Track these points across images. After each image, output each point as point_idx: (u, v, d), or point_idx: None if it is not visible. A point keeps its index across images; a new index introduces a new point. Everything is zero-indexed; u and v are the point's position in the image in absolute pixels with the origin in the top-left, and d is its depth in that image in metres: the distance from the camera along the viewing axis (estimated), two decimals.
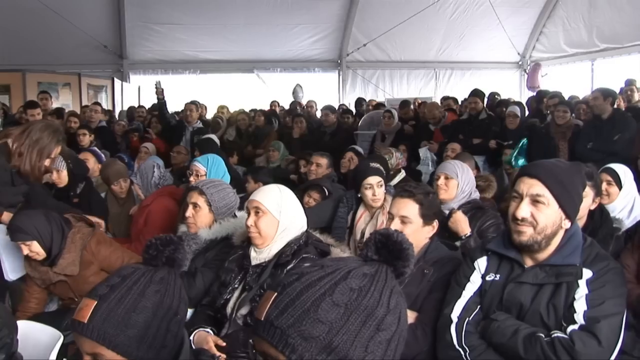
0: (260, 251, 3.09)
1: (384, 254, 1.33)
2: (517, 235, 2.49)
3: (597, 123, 7.06)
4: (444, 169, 4.15)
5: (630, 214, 4.24)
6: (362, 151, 7.51)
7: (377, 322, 1.22)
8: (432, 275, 2.93)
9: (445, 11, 15.04)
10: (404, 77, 16.15)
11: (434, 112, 9.11)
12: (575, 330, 2.35)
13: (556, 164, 2.54)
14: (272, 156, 8.53)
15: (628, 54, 13.58)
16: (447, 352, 2.61)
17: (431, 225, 3.14)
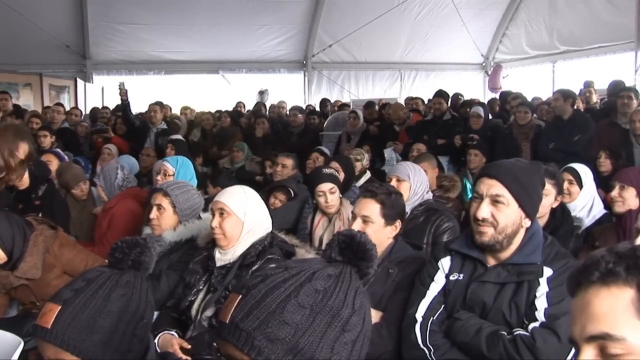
0: (225, 252, 3.09)
1: (348, 254, 1.32)
2: (478, 235, 2.53)
3: (558, 124, 7.20)
4: (395, 171, 4.16)
5: (590, 213, 4.34)
6: (327, 152, 7.53)
7: (342, 323, 1.22)
8: (396, 274, 2.95)
9: (410, 13, 15.12)
10: (369, 78, 16.20)
11: (399, 113, 9.18)
12: (536, 328, 2.39)
13: (515, 164, 2.58)
14: (236, 157, 8.50)
15: (587, 57, 13.89)
16: (412, 352, 2.63)
17: (393, 225, 3.15)
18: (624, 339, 1.12)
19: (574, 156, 5.80)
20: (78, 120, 10.09)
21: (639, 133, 6.41)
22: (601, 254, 1.20)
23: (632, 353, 1.11)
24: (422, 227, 3.92)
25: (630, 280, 1.14)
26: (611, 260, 1.18)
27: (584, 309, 1.19)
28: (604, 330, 1.14)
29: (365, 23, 14.14)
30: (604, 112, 8.11)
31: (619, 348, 1.12)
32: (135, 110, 9.72)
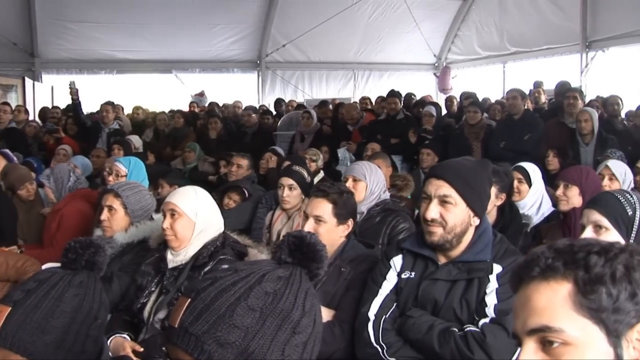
0: (177, 254, 3.07)
1: (298, 256, 1.32)
2: (428, 235, 2.57)
3: (508, 123, 7.37)
4: (351, 171, 4.14)
5: (539, 211, 4.42)
6: (281, 152, 7.54)
7: (293, 325, 1.22)
8: (348, 273, 2.96)
9: (364, 13, 15.20)
10: (323, 78, 16.22)
11: (352, 112, 9.24)
12: (486, 324, 2.43)
13: (462, 163, 2.63)
14: (187, 157, 8.43)
15: (536, 58, 14.20)
16: (365, 350, 2.65)
17: (346, 224, 3.16)
18: (562, 331, 1.16)
19: (524, 155, 5.90)
20: (24, 120, 9.86)
21: (585, 133, 6.59)
22: (541, 251, 1.25)
23: (569, 344, 1.16)
24: (378, 227, 3.92)
25: (568, 275, 1.19)
26: (550, 256, 1.22)
27: (525, 303, 1.23)
28: (544, 323, 1.18)
29: (319, 23, 14.15)
30: (552, 112, 8.31)
31: (557, 339, 1.17)
32: (87, 110, 9.55)
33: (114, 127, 9.09)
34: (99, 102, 9.71)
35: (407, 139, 8.00)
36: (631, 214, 2.35)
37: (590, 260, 1.19)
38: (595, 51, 12.64)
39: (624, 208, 2.37)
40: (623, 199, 2.41)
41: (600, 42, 12.53)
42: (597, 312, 1.16)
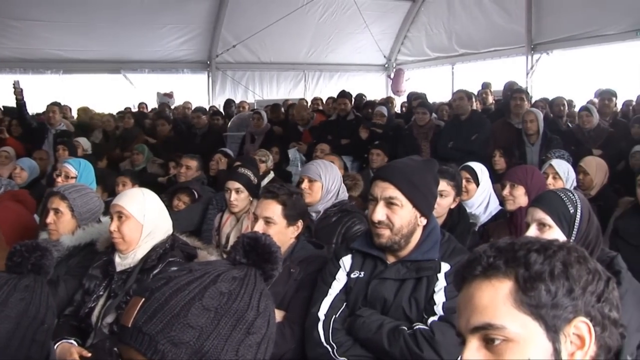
0: (125, 257, 3.03)
1: (253, 257, 1.32)
2: (376, 237, 2.60)
3: (456, 124, 7.47)
4: (307, 171, 4.11)
5: (486, 210, 4.51)
6: (231, 153, 7.50)
7: (247, 326, 1.22)
8: (298, 274, 2.97)
9: (314, 14, 15.23)
10: (274, 79, 16.19)
11: (303, 113, 9.25)
12: (435, 321, 2.47)
13: (407, 164, 2.66)
14: (136, 160, 8.28)
15: (483, 59, 14.47)
16: (316, 350, 2.66)
17: (295, 226, 3.17)
18: (504, 328, 1.20)
19: (471, 155, 5.99)
20: None
21: (530, 133, 6.73)
22: (483, 250, 1.28)
23: (511, 340, 1.19)
24: (333, 226, 3.93)
25: (509, 273, 1.22)
26: (491, 255, 1.25)
27: (468, 302, 1.26)
28: (486, 320, 1.21)
29: (270, 24, 14.12)
30: (499, 113, 8.46)
31: (499, 336, 1.20)
32: (33, 111, 9.32)
33: (60, 128, 8.90)
34: (45, 103, 9.47)
35: (358, 139, 8.04)
36: (573, 212, 2.42)
37: (530, 258, 1.22)
38: (540, 53, 13.00)
39: (566, 206, 2.43)
40: (565, 197, 2.47)
41: (545, 44, 12.88)
42: (537, 309, 1.20)
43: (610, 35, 11.54)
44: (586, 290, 1.22)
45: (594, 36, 11.79)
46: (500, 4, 13.67)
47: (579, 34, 12.03)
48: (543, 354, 1.20)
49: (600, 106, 8.07)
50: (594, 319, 1.22)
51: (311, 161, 4.57)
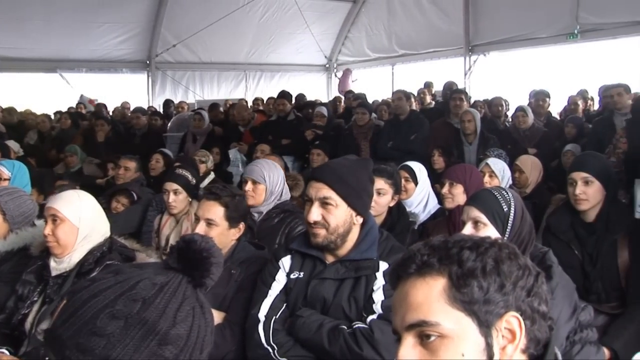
0: (61, 261, 2.95)
1: (184, 262, 1.26)
2: (312, 237, 2.62)
3: (395, 123, 7.56)
4: (250, 173, 4.07)
5: (425, 208, 4.58)
6: (170, 153, 7.41)
7: (159, 337, 1.16)
8: (239, 275, 2.97)
9: (255, 14, 15.18)
10: (215, 79, 16.05)
11: (243, 113, 9.22)
12: (374, 320, 2.49)
13: (341, 164, 2.69)
14: (70, 162, 8.07)
15: (423, 60, 14.69)
16: (256, 351, 2.65)
17: (237, 228, 3.16)
18: (438, 324, 1.22)
19: (410, 154, 6.06)
20: None
21: (468, 132, 6.86)
22: (417, 248, 1.30)
23: (445, 336, 1.22)
24: (276, 227, 3.93)
25: (443, 270, 1.25)
26: (425, 253, 1.28)
27: (403, 300, 1.28)
28: (421, 317, 1.24)
29: (210, 23, 14.00)
30: (439, 113, 8.61)
31: (434, 333, 1.22)
32: None
33: None
34: None
35: (299, 139, 8.06)
36: (506, 210, 2.48)
37: (463, 255, 1.25)
38: (477, 55, 13.30)
39: (501, 205, 2.49)
40: (500, 196, 2.53)
41: (482, 46, 13.19)
42: (470, 305, 1.23)
43: (543, 38, 11.90)
44: (517, 285, 1.26)
45: (528, 39, 12.14)
46: (439, 6, 13.91)
47: (514, 36, 12.37)
48: (476, 348, 1.23)
49: (535, 106, 8.29)
50: (524, 313, 1.26)
51: (255, 162, 4.52)
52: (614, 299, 3.29)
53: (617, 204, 3.63)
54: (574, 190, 3.38)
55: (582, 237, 3.41)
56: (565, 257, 3.30)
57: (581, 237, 3.41)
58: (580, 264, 3.36)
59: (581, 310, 2.40)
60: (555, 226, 3.49)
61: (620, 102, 7.04)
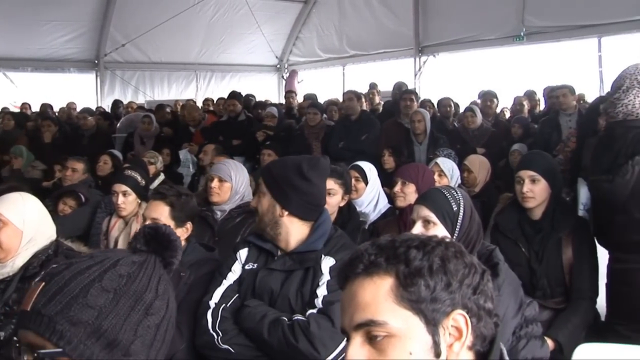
0: (3, 265, 2.86)
1: (153, 245, 1.38)
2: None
3: (346, 124, 7.61)
4: (218, 171, 4.14)
5: (376, 208, 4.60)
6: (119, 155, 7.30)
7: (145, 307, 1.26)
8: (188, 277, 2.95)
9: (206, 14, 15.07)
10: (165, 79, 15.86)
11: (194, 114, 9.15)
12: (312, 313, 2.52)
13: (283, 159, 2.88)
14: (15, 164, 7.85)
15: (373, 61, 14.80)
16: (202, 337, 2.68)
17: (184, 227, 3.16)
18: (385, 323, 1.23)
19: (361, 154, 6.07)
20: None
21: (418, 132, 6.94)
22: (364, 248, 1.31)
23: (393, 335, 1.23)
24: (237, 226, 3.97)
25: (390, 270, 1.26)
26: (373, 252, 1.28)
27: (352, 300, 1.29)
28: (369, 317, 1.24)
29: (160, 22, 13.82)
30: (389, 113, 8.68)
31: (382, 332, 1.23)
32: None
33: None
34: None
35: (250, 139, 8.03)
36: (456, 209, 2.51)
37: (410, 254, 1.26)
38: (427, 56, 13.46)
39: (450, 204, 2.52)
40: (449, 195, 2.56)
41: (431, 47, 13.37)
42: (417, 303, 1.24)
43: (491, 40, 12.13)
44: (463, 283, 1.27)
45: (476, 40, 12.38)
46: (389, 7, 14.03)
47: (463, 38, 12.59)
48: (423, 347, 1.23)
49: (483, 107, 8.44)
50: (471, 310, 1.27)
51: (223, 161, 4.57)
52: (559, 294, 3.41)
53: (562, 202, 3.71)
54: (521, 188, 3.45)
55: (529, 235, 3.47)
56: (512, 255, 3.37)
57: (528, 235, 3.47)
58: (527, 261, 3.42)
59: (527, 306, 2.46)
60: (502, 224, 3.56)
61: (566, 102, 7.21)
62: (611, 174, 3.18)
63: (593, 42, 11.03)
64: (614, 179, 3.15)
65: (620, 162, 3.12)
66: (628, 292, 3.18)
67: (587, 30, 10.72)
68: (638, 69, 3.15)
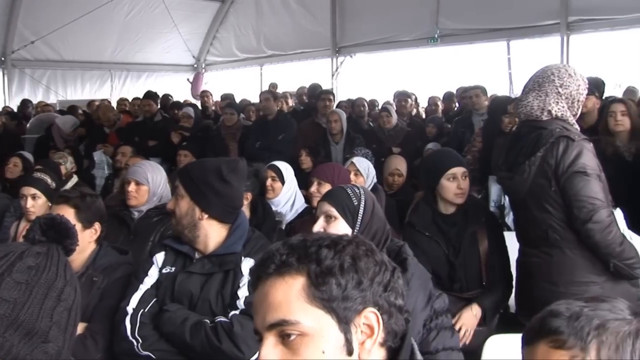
0: None
1: (51, 234, 1.43)
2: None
3: (263, 124, 7.61)
4: (134, 174, 4.08)
5: (293, 207, 4.63)
6: (30, 157, 7.04)
7: (57, 293, 1.31)
8: (102, 282, 2.89)
9: (120, 11, 14.70)
10: (78, 78, 15.35)
11: (108, 114, 8.94)
12: (235, 314, 2.54)
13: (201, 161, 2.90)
14: None
15: (291, 61, 14.83)
16: (121, 344, 2.64)
17: (92, 229, 3.06)
18: (298, 323, 1.24)
19: (278, 154, 6.08)
20: None
21: (335, 132, 7.03)
22: (276, 248, 1.32)
23: (305, 334, 1.24)
24: (153, 225, 3.94)
25: (301, 269, 1.27)
26: (284, 252, 1.30)
27: (264, 300, 1.29)
28: (281, 317, 1.25)
29: (72, 19, 13.35)
30: (307, 113, 8.74)
31: (294, 331, 1.24)
32: None
33: None
34: None
35: (167, 140, 7.92)
36: (356, 204, 2.57)
37: (321, 253, 1.28)
38: (344, 56, 13.59)
39: (351, 199, 2.58)
40: (350, 191, 2.63)
41: (348, 48, 13.51)
42: (329, 302, 1.25)
43: (406, 41, 12.38)
44: (374, 281, 1.29)
45: (392, 41, 12.60)
46: (307, 7, 14.10)
47: (379, 39, 12.79)
48: (336, 345, 1.26)
49: (398, 107, 8.61)
50: (382, 307, 1.30)
51: (139, 163, 4.48)
52: (476, 286, 3.55)
53: (472, 197, 3.85)
54: (458, 185, 3.56)
55: (445, 230, 3.57)
56: (430, 250, 3.48)
57: (443, 230, 3.57)
58: (445, 255, 3.52)
59: (436, 299, 2.52)
60: (417, 222, 3.64)
61: (478, 103, 7.45)
62: (511, 171, 3.31)
63: (503, 45, 11.44)
64: (513, 176, 3.29)
65: (520, 161, 3.25)
66: (530, 284, 3.33)
67: (497, 34, 11.10)
68: (543, 71, 3.29)
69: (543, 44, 10.69)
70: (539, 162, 3.16)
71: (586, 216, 3.02)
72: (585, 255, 3.13)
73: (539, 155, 3.15)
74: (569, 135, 3.11)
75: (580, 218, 3.04)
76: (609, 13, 9.42)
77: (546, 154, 3.13)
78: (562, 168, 3.07)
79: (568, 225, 3.13)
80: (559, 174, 3.09)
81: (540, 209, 3.20)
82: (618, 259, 3.07)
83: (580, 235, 3.10)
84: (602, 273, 3.13)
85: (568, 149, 3.08)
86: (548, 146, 3.13)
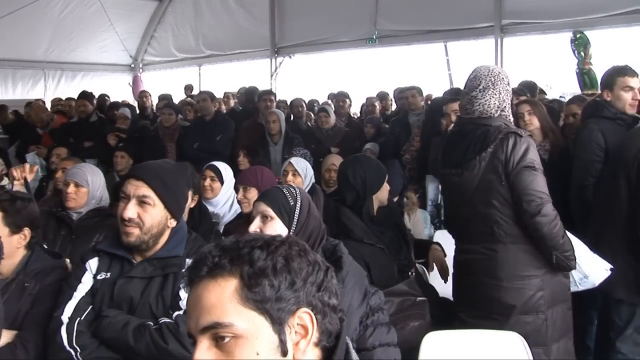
0: None
1: None
2: (125, 236, 2.60)
3: (201, 124, 7.57)
4: (73, 176, 4.02)
5: (231, 208, 4.63)
6: None
7: None
8: (33, 287, 2.81)
9: (54, 9, 14.28)
10: (9, 77, 14.84)
11: (41, 115, 8.74)
12: (180, 315, 2.51)
13: (161, 166, 2.73)
14: None
15: (230, 61, 14.74)
16: (58, 355, 2.56)
17: (21, 234, 2.95)
18: (231, 325, 1.24)
19: (216, 155, 6.03)
20: None
21: (273, 133, 7.05)
22: (208, 250, 1.31)
23: (239, 336, 1.25)
24: (95, 225, 3.91)
25: (234, 271, 1.27)
26: (217, 254, 1.29)
27: (197, 303, 1.29)
28: (214, 319, 1.25)
29: (1, 16, 12.95)
30: (247, 113, 8.72)
31: (228, 333, 1.25)
32: None
33: None
34: None
35: (103, 142, 7.79)
36: (292, 203, 2.59)
37: (254, 255, 1.28)
38: (283, 57, 13.57)
39: (287, 199, 2.60)
40: (287, 191, 2.65)
41: (287, 48, 13.49)
42: (262, 303, 1.26)
43: (345, 42, 12.44)
44: (307, 281, 1.31)
45: (331, 42, 12.64)
46: (245, 8, 14.01)
47: (318, 39, 12.80)
48: (270, 346, 1.26)
49: (336, 107, 8.68)
50: (315, 307, 1.31)
51: (78, 165, 4.40)
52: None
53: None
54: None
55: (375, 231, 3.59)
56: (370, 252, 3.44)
57: (374, 231, 3.60)
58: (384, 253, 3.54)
59: (371, 295, 2.55)
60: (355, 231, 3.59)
61: (414, 103, 7.57)
62: (460, 168, 3.39)
63: (441, 47, 11.62)
64: (462, 173, 3.37)
65: (469, 157, 3.33)
66: (471, 281, 3.41)
67: (434, 35, 11.25)
68: (490, 70, 3.41)
69: (479, 46, 10.91)
70: (489, 158, 3.26)
71: (535, 210, 3.15)
72: (528, 250, 3.28)
73: (489, 151, 3.26)
74: (517, 132, 3.27)
75: (529, 211, 3.17)
76: (539, 17, 9.68)
77: (496, 150, 3.25)
78: (512, 163, 3.20)
79: (513, 221, 3.26)
80: (509, 169, 3.21)
81: (486, 205, 3.30)
82: (560, 251, 3.22)
83: (528, 229, 3.23)
84: (542, 266, 3.28)
85: (517, 144, 3.21)
86: (497, 142, 3.25)
